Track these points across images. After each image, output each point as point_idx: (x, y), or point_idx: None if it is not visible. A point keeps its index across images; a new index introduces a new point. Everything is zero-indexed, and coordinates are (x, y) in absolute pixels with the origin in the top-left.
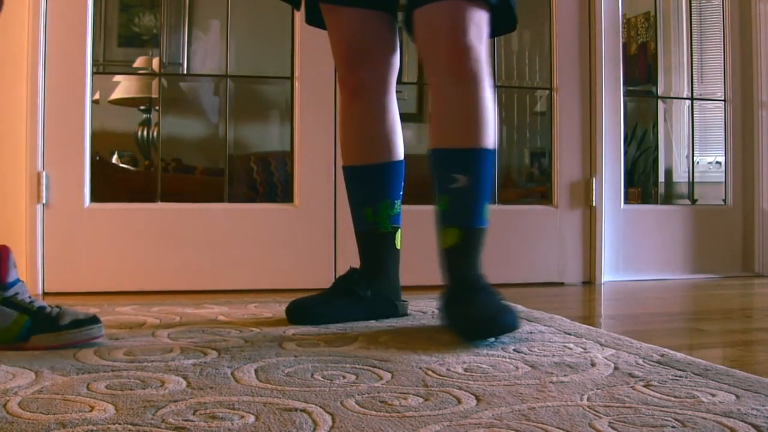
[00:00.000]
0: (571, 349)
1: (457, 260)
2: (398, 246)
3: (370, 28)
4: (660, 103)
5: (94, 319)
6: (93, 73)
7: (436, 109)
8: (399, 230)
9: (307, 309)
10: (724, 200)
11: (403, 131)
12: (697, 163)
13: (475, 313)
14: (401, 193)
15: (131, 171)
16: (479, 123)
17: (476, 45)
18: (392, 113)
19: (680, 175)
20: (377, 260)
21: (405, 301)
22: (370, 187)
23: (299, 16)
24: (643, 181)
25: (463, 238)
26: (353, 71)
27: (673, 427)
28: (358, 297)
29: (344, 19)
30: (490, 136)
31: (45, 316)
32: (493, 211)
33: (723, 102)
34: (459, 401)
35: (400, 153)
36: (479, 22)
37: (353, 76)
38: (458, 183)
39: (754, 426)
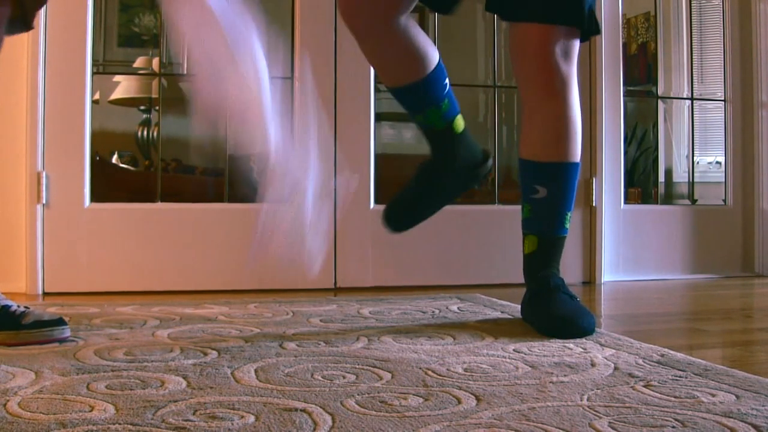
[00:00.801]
0: (571, 349)
1: (536, 265)
2: (460, 130)
3: None
4: (660, 103)
5: (58, 321)
6: (93, 73)
7: (524, 121)
8: (456, 118)
9: (411, 207)
10: (724, 200)
11: (404, 131)
12: (697, 163)
13: (557, 313)
14: (446, 91)
15: (131, 171)
16: (561, 139)
17: (563, 67)
18: (409, 34)
19: (680, 175)
20: (441, 148)
21: (488, 155)
22: (413, 102)
23: (299, 15)
24: (643, 181)
25: (540, 245)
26: (350, 19)
27: (673, 427)
28: (444, 183)
29: None
30: (574, 150)
31: (8, 314)
32: (493, 211)
33: (723, 102)
34: (459, 401)
35: (430, 63)
36: (568, 43)
37: (357, 19)
38: (539, 194)
39: (754, 426)
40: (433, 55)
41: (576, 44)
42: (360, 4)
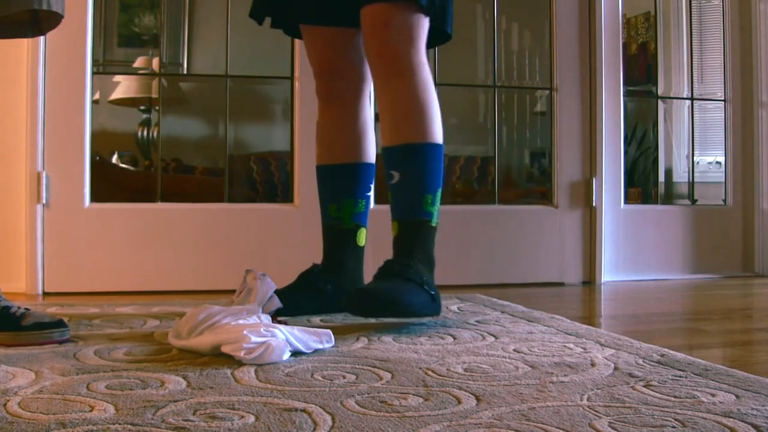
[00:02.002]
0: (571, 349)
1: (395, 251)
2: (361, 243)
3: (340, 44)
4: (660, 103)
5: (58, 323)
6: (93, 73)
7: (379, 105)
8: (363, 228)
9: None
10: (724, 200)
11: None
12: (697, 163)
13: (363, 287)
14: (369, 194)
15: (131, 171)
16: (406, 120)
17: (402, 48)
18: (363, 119)
19: (680, 175)
20: (338, 255)
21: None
22: (336, 184)
23: None
24: (643, 181)
25: (400, 230)
26: (326, 82)
27: (673, 427)
28: (318, 290)
29: (317, 36)
30: (426, 131)
31: (8, 315)
32: (493, 211)
33: (723, 102)
34: (459, 401)
35: (369, 156)
36: (404, 23)
37: (326, 86)
38: (394, 179)
39: (754, 426)
40: (372, 154)
41: (418, 23)
42: (344, 67)
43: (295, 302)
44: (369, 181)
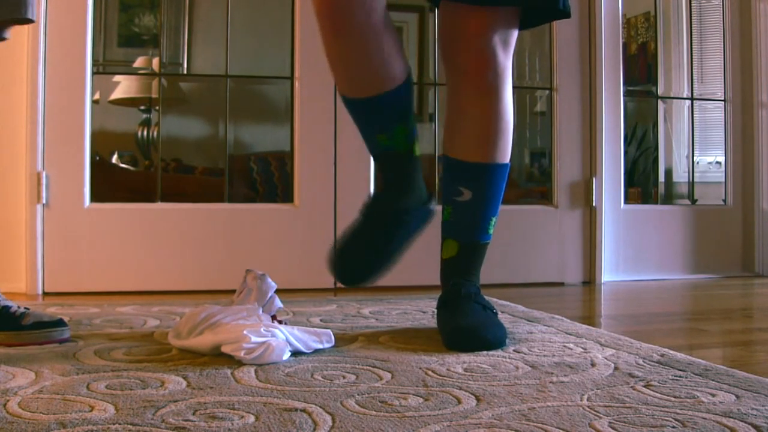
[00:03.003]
0: (571, 349)
1: (453, 272)
2: (417, 153)
3: None
4: (660, 103)
5: (58, 323)
6: (93, 73)
7: (451, 114)
8: (416, 140)
9: (360, 261)
10: (724, 200)
11: None
12: (697, 163)
13: (461, 323)
14: (413, 108)
15: (131, 171)
16: (492, 138)
17: (501, 58)
18: (389, 32)
19: (680, 175)
20: (401, 177)
21: (431, 194)
22: (379, 117)
23: (299, 15)
24: (643, 181)
25: (460, 251)
26: (331, 11)
27: (673, 427)
28: (403, 222)
29: None
30: (504, 151)
31: (8, 315)
32: None
33: (723, 102)
34: (459, 401)
35: (405, 69)
36: (508, 31)
37: (332, 16)
38: (463, 196)
39: (754, 426)
40: (406, 62)
41: (515, 32)
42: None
43: (389, 247)
44: (412, 96)
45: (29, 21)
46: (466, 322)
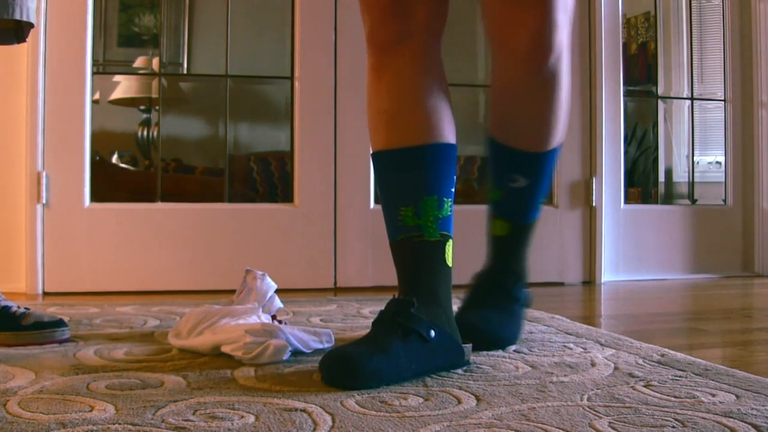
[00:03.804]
0: (571, 349)
1: (503, 251)
2: (449, 263)
3: None
4: (660, 103)
5: (58, 323)
6: (93, 73)
7: (502, 99)
8: (450, 240)
9: (356, 364)
10: (724, 200)
11: None
12: (697, 163)
13: (474, 322)
14: (453, 190)
15: (131, 171)
16: (551, 127)
17: (560, 37)
18: (438, 77)
19: (680, 175)
20: (424, 280)
21: (468, 344)
22: (410, 178)
23: (299, 15)
24: (643, 181)
25: (512, 231)
26: (386, 21)
27: (673, 427)
28: (421, 339)
29: None
30: (561, 135)
31: (8, 315)
32: None
33: (723, 102)
34: (459, 401)
35: (450, 133)
36: (565, 7)
37: (386, 27)
38: (517, 183)
39: (754, 426)
40: (452, 130)
41: (572, 4)
42: (396, 5)
43: (397, 360)
44: (454, 171)
45: (29, 25)
46: (480, 324)
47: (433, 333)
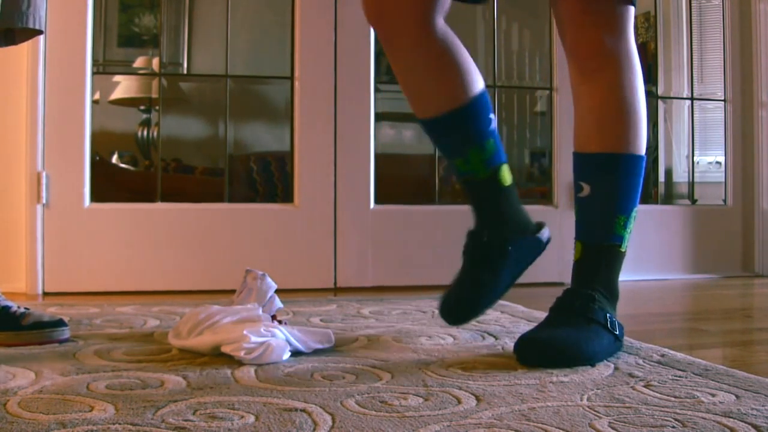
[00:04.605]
0: None
1: (576, 275)
2: (507, 183)
3: None
4: (660, 103)
5: (58, 323)
6: (93, 73)
7: (573, 104)
8: (503, 165)
9: (464, 299)
10: (724, 200)
11: (404, 131)
12: (697, 163)
13: (543, 337)
14: (493, 126)
15: (131, 171)
16: (608, 125)
17: (607, 40)
18: (448, 43)
19: (680, 175)
20: (488, 208)
21: (542, 225)
22: (450, 139)
23: (299, 15)
24: (644, 181)
25: (584, 253)
26: (378, 19)
27: (673, 427)
28: (506, 256)
29: None
30: (626, 140)
31: (8, 315)
32: None
33: (723, 102)
34: (459, 401)
35: (473, 85)
36: (611, 9)
37: (379, 23)
38: (583, 192)
39: (754, 426)
40: (477, 77)
41: (625, 10)
42: (386, 2)
43: (494, 281)
44: (488, 113)
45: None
46: (544, 335)
47: (509, 248)
